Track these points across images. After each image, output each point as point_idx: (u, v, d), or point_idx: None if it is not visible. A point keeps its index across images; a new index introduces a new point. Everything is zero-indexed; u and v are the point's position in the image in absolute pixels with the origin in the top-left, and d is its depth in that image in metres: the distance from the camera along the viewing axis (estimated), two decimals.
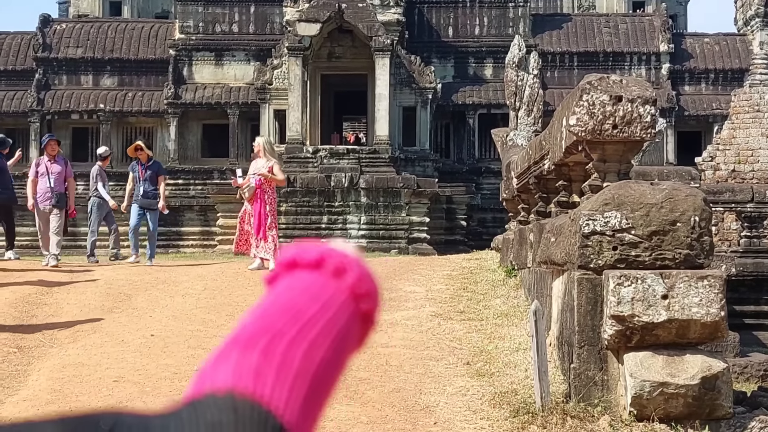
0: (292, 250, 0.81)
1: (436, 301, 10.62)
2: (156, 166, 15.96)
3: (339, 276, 0.78)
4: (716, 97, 33.02)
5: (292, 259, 0.80)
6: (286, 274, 0.80)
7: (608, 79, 7.91)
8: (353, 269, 0.79)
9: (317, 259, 0.79)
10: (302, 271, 0.79)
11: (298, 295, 0.75)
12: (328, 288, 0.77)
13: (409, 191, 28.16)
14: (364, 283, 0.79)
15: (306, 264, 0.79)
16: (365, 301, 0.80)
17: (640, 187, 7.29)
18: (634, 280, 6.98)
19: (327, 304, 0.76)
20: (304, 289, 0.76)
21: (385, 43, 28.77)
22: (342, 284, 0.78)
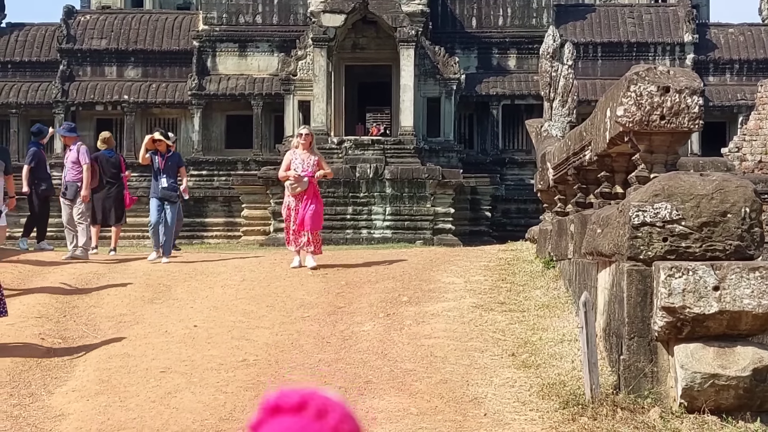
0: (274, 395, 0.82)
1: (475, 292, 10.63)
2: (176, 157, 15.17)
3: (321, 418, 0.80)
4: (741, 88, 32.85)
5: (275, 404, 0.82)
6: (269, 419, 0.81)
7: (655, 70, 7.89)
8: (335, 410, 0.80)
9: (299, 403, 0.81)
10: (285, 416, 0.81)
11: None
12: (313, 429, 0.79)
13: (434, 182, 28.14)
14: (347, 424, 0.81)
15: (288, 408, 0.81)
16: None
17: (690, 178, 7.27)
18: (685, 271, 6.97)
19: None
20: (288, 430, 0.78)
21: (409, 34, 28.73)
22: (324, 426, 0.80)
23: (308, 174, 12.69)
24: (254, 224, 29.56)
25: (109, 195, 16.38)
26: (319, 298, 10.55)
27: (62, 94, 32.15)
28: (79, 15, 34.33)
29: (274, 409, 0.80)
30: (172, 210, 14.42)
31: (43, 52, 33.44)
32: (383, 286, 11.04)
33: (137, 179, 31.54)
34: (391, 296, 10.53)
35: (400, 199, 28.30)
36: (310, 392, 0.78)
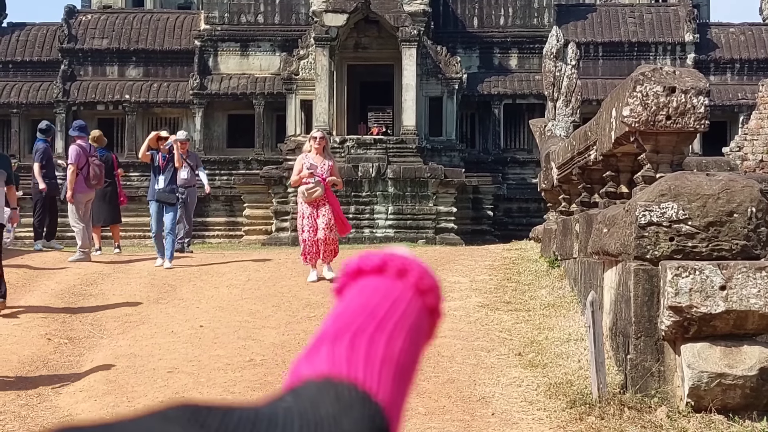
0: (355, 259, 0.85)
1: (481, 291, 10.65)
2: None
3: (402, 276, 0.83)
4: (741, 87, 32.88)
5: (357, 267, 0.86)
6: (352, 282, 0.86)
7: (662, 70, 7.92)
8: (414, 269, 0.85)
9: (380, 264, 0.84)
10: (368, 277, 0.84)
11: (370, 297, 0.81)
12: (395, 288, 0.82)
13: (436, 181, 28.17)
14: (426, 280, 0.85)
15: (370, 270, 0.84)
16: (429, 296, 0.85)
17: (696, 178, 7.29)
18: (692, 271, 6.99)
19: (397, 301, 0.82)
20: (374, 291, 0.82)
21: (411, 34, 28.75)
22: (406, 283, 0.83)
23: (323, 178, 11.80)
24: (256, 224, 29.58)
25: (104, 194, 16.14)
26: (325, 297, 10.57)
27: (63, 93, 32.17)
28: (81, 15, 34.34)
29: (356, 272, 0.86)
30: (172, 213, 13.76)
31: (44, 52, 33.46)
32: None
33: (138, 178, 31.59)
34: None
35: (402, 198, 28.32)
36: (389, 253, 0.85)
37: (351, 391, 0.73)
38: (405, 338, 0.81)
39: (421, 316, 0.84)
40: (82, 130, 15.76)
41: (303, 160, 11.99)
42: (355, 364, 0.75)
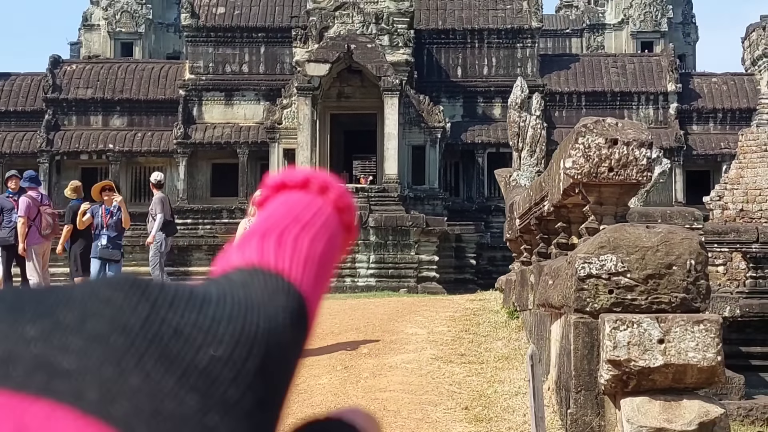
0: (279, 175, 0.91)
1: (437, 343, 10.56)
2: (121, 211, 13.30)
3: (324, 193, 0.89)
4: (724, 137, 33.01)
5: (281, 181, 0.90)
6: (275, 195, 0.91)
7: (604, 122, 7.91)
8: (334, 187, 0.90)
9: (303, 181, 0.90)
10: (291, 191, 0.89)
11: (295, 204, 0.87)
12: (317, 201, 0.88)
13: (418, 230, 28.14)
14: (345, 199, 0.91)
15: (293, 185, 0.89)
16: (346, 214, 0.91)
17: (635, 230, 7.25)
18: (630, 324, 6.93)
19: (319, 212, 0.87)
20: (298, 201, 0.88)
21: (393, 83, 28.88)
22: (327, 199, 0.89)
23: None
24: None
25: (85, 246, 15.91)
26: None
27: (47, 143, 32.22)
28: (65, 65, 34.50)
29: (279, 186, 0.91)
30: (115, 271, 12.64)
31: (28, 102, 33.56)
32: (345, 338, 10.97)
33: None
34: (352, 348, 10.47)
35: (384, 247, 28.27)
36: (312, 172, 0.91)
37: (278, 280, 0.77)
38: (325, 244, 0.86)
39: (338, 231, 0.89)
40: (32, 181, 15.50)
41: (245, 225, 10.47)
42: (282, 258, 0.80)
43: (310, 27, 30.60)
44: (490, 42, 33.84)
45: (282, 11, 34.30)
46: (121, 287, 0.69)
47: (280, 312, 0.74)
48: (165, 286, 0.71)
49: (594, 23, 47.36)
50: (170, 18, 46.52)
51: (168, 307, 0.69)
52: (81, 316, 0.67)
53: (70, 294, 0.69)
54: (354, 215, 0.92)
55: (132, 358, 0.65)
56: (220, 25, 33.70)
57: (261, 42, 33.67)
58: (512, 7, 34.24)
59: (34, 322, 0.66)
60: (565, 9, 53.26)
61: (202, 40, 33.60)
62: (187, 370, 0.66)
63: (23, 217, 14.36)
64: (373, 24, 30.30)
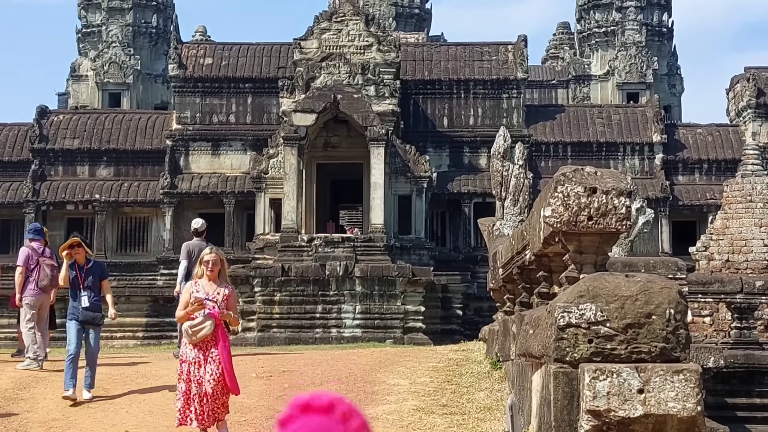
0: (307, 395, 0.93)
1: (419, 394, 10.47)
2: (97, 267, 12.22)
3: (346, 421, 0.91)
4: (710, 187, 33.15)
5: (307, 403, 0.92)
6: (299, 416, 0.90)
7: (583, 171, 7.90)
8: (357, 417, 0.93)
9: (328, 405, 0.92)
10: (314, 415, 0.91)
11: (313, 427, 0.87)
12: (337, 428, 0.90)
13: (404, 280, 28.05)
14: (365, 428, 0.93)
15: (318, 408, 0.91)
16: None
17: (614, 279, 7.21)
18: (609, 374, 6.86)
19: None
20: (320, 425, 0.87)
21: (380, 133, 28.95)
22: (348, 428, 0.91)
23: (213, 313, 9.21)
24: None
25: None
26: (259, 401, 10.36)
27: (33, 193, 32.15)
28: (53, 115, 34.55)
29: (304, 407, 0.89)
30: (96, 334, 11.78)
31: (15, 152, 33.55)
32: (327, 389, 10.86)
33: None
34: None
35: (370, 297, 28.16)
36: (337, 397, 0.88)
37: None
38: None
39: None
40: (36, 233, 15.29)
41: (192, 289, 9.53)
42: None
43: (297, 77, 30.76)
44: (476, 92, 34.04)
45: (269, 62, 34.48)
46: None
47: None
48: None
49: (580, 74, 47.72)
50: (158, 69, 46.71)
51: None
52: None
53: None
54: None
55: None
56: (207, 76, 33.84)
57: (248, 92, 33.81)
58: (497, 58, 34.50)
59: None
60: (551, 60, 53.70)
61: (189, 90, 33.72)
62: None
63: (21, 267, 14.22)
64: (360, 74, 30.46)
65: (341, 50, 30.95)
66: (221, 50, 35.01)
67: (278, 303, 27.64)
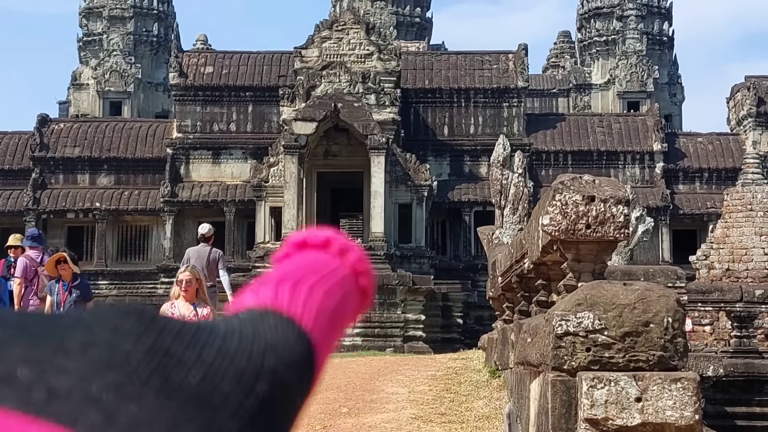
0: (302, 233, 0.94)
1: (417, 402, 10.45)
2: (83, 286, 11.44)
3: (343, 255, 0.91)
4: (710, 196, 33.14)
5: (302, 240, 0.93)
6: (295, 252, 0.92)
7: (581, 179, 7.90)
8: (354, 251, 0.93)
9: (324, 241, 0.92)
10: (310, 250, 0.92)
11: (314, 260, 0.89)
12: (336, 262, 0.91)
13: (404, 288, 28.03)
14: (363, 263, 0.93)
15: (314, 244, 0.92)
16: (363, 277, 0.92)
17: (612, 288, 7.21)
18: (607, 382, 6.85)
19: (336, 270, 0.89)
20: (317, 258, 0.90)
21: (380, 142, 28.97)
22: (345, 261, 0.91)
23: None
24: None
25: None
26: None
27: (33, 202, 32.17)
28: (53, 123, 34.59)
29: (300, 245, 0.93)
30: None
31: (15, 160, 33.57)
32: (325, 397, 10.85)
33: (107, 286, 31.40)
34: (331, 407, 10.34)
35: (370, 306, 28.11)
36: (334, 234, 0.94)
37: (289, 323, 0.79)
38: (339, 300, 0.87)
39: (353, 291, 0.91)
40: (35, 240, 15.08)
41: (168, 311, 8.63)
42: (296, 303, 0.81)
43: (298, 86, 30.78)
44: (477, 101, 34.06)
45: (270, 71, 34.52)
46: (129, 315, 0.71)
47: (287, 354, 0.76)
48: (172, 319, 0.73)
49: (580, 83, 47.77)
50: (159, 77, 46.77)
51: (173, 339, 0.71)
52: (86, 341, 0.68)
53: (77, 319, 0.71)
54: (371, 280, 0.94)
55: (133, 385, 0.67)
56: (208, 84, 33.87)
57: (249, 101, 33.84)
58: (498, 67, 34.53)
59: (37, 345, 0.68)
60: (551, 69, 53.76)
61: (190, 99, 33.76)
62: (187, 401, 0.68)
63: (19, 278, 14.08)
64: (360, 83, 30.49)
65: (342, 59, 30.98)
66: (222, 59, 35.05)
67: None
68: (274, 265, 0.89)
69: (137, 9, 46.49)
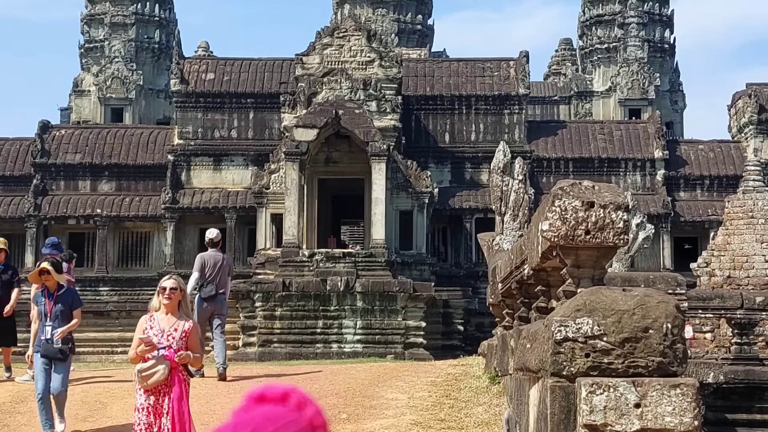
0: (260, 387, 0.93)
1: (417, 408, 10.44)
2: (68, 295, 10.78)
3: (300, 409, 0.90)
4: (711, 203, 33.12)
5: (261, 394, 0.91)
6: (254, 406, 0.90)
7: (580, 185, 7.89)
8: (312, 405, 0.91)
9: (283, 395, 0.91)
10: (269, 405, 0.90)
11: (270, 412, 0.90)
12: (293, 416, 0.92)
13: (405, 295, 28.01)
14: (319, 418, 0.95)
15: (272, 398, 0.91)
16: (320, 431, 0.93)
17: (611, 294, 7.20)
18: (606, 388, 6.84)
19: (292, 422, 0.91)
20: (274, 410, 0.91)
21: (381, 149, 28.97)
22: (303, 415, 0.90)
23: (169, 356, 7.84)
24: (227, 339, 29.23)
25: None
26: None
27: (35, 208, 32.18)
28: (54, 130, 34.61)
29: (259, 399, 0.89)
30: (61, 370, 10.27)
31: (17, 167, 33.59)
32: (325, 403, 10.83)
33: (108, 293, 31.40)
34: (330, 413, 10.32)
35: (371, 313, 28.11)
36: (291, 387, 0.87)
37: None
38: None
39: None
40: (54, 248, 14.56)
41: (145, 325, 8.11)
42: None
43: (299, 93, 30.81)
44: (478, 108, 34.08)
45: (271, 77, 34.55)
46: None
47: None
48: None
49: (582, 90, 47.80)
50: (161, 84, 46.82)
51: None
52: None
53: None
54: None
55: None
56: (209, 91, 33.91)
57: (250, 107, 33.86)
58: (499, 74, 34.55)
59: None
60: (553, 77, 53.80)
61: (191, 105, 33.78)
62: None
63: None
64: (361, 90, 30.52)
65: (343, 66, 31.01)
66: (223, 65, 35.08)
67: (279, 318, 27.59)
68: (231, 417, 0.89)
69: (139, 16, 46.57)
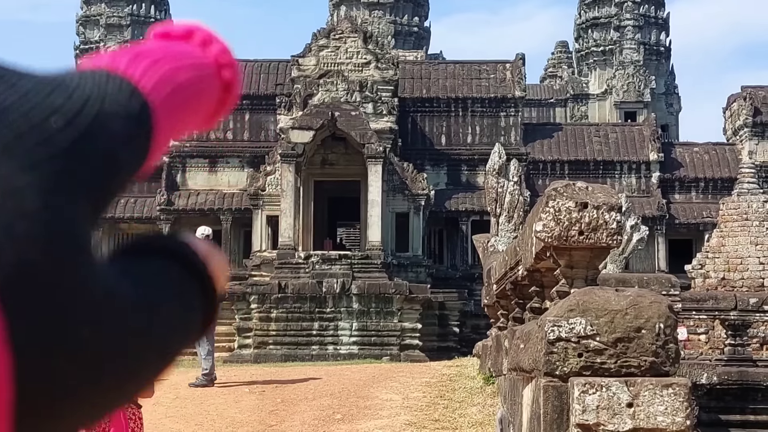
0: (163, 25, 0.89)
1: (411, 409, 10.47)
2: None
3: (206, 46, 0.88)
4: (706, 206, 33.19)
5: (164, 31, 0.88)
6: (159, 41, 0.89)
7: (574, 186, 7.93)
8: (218, 42, 0.89)
9: (186, 32, 0.88)
10: (173, 40, 0.88)
11: (168, 45, 0.85)
12: (197, 51, 0.87)
13: (401, 297, 28.05)
14: (227, 55, 0.89)
15: (177, 35, 0.88)
16: (227, 70, 0.88)
17: (604, 294, 7.23)
18: (598, 387, 6.87)
19: (191, 54, 0.85)
20: (173, 43, 0.86)
21: (377, 151, 29.01)
22: (208, 52, 0.88)
23: None
24: (219, 340, 29.23)
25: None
26: (251, 416, 10.36)
27: None
28: None
29: (162, 35, 0.88)
30: None
31: None
32: (319, 404, 10.87)
33: None
34: (325, 414, 10.36)
35: (367, 315, 28.14)
36: (197, 24, 0.89)
37: (122, 80, 0.76)
38: (190, 79, 0.83)
39: (211, 79, 0.87)
40: None
41: None
42: (134, 67, 0.78)
43: (295, 94, 30.83)
44: (474, 111, 34.12)
45: (267, 79, 34.58)
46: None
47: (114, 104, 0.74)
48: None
49: (578, 93, 47.88)
50: None
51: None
52: None
53: None
54: (235, 73, 0.91)
55: None
56: None
57: (245, 109, 33.86)
58: (495, 76, 34.60)
59: None
60: (549, 79, 53.87)
61: None
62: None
63: None
64: (358, 92, 30.54)
65: (339, 67, 31.03)
66: None
67: (275, 320, 27.60)
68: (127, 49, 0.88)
69: (134, 17, 46.57)
